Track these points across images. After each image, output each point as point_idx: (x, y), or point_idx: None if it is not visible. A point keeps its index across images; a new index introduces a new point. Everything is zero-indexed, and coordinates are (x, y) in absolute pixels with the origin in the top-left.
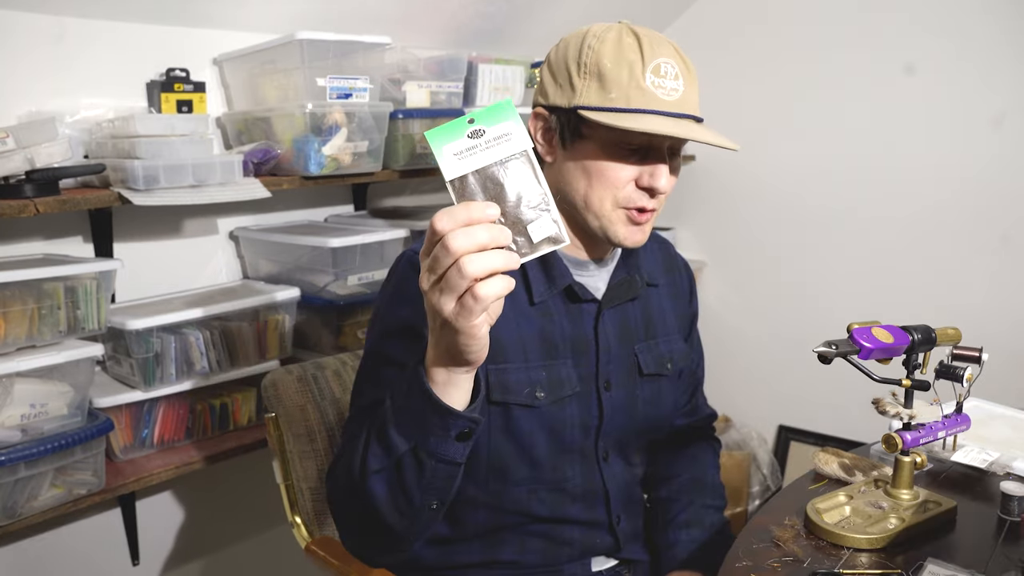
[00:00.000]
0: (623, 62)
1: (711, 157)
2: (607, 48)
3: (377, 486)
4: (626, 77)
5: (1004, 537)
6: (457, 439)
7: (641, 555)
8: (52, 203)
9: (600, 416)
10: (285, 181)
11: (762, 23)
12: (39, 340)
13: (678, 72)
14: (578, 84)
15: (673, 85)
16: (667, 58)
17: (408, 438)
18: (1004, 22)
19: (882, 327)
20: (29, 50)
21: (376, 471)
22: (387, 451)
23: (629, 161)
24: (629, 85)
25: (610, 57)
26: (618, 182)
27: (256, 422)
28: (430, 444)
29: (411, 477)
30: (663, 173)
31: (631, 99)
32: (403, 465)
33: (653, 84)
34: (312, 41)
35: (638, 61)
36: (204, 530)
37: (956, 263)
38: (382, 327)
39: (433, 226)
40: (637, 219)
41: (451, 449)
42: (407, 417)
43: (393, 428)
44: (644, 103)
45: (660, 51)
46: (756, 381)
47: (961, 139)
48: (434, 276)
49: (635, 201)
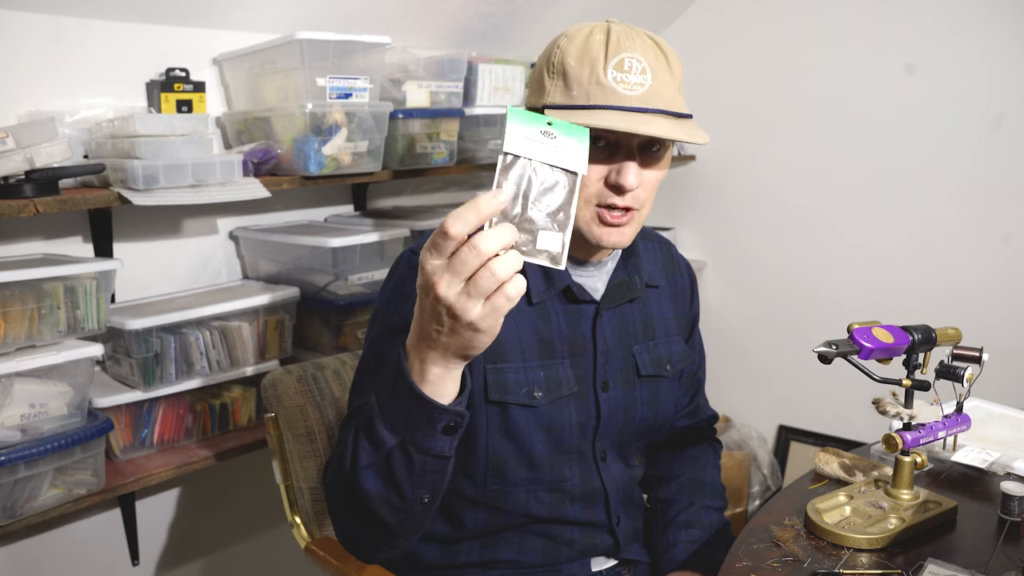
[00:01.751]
0: (586, 60)
1: (711, 157)
2: (574, 47)
3: (368, 481)
4: (587, 74)
5: (1004, 537)
6: (443, 432)
7: (641, 556)
8: (52, 203)
9: (597, 417)
10: (285, 181)
11: (762, 23)
12: (39, 340)
13: (645, 67)
14: (547, 85)
15: (638, 80)
16: (633, 53)
17: (395, 432)
18: (1005, 22)
19: (882, 327)
20: (29, 50)
21: (366, 467)
22: (376, 446)
23: (597, 159)
24: (589, 82)
25: (575, 56)
26: (587, 180)
27: (256, 422)
28: (417, 438)
29: (401, 471)
30: (630, 170)
31: (591, 95)
32: (392, 459)
33: (615, 80)
34: (312, 41)
35: (600, 58)
36: (204, 530)
37: (956, 263)
38: (381, 326)
39: (448, 231)
40: (608, 218)
41: (438, 443)
42: (393, 412)
43: (380, 423)
44: (603, 99)
45: (627, 46)
46: (756, 381)
47: (961, 139)
48: (458, 279)
49: (605, 198)
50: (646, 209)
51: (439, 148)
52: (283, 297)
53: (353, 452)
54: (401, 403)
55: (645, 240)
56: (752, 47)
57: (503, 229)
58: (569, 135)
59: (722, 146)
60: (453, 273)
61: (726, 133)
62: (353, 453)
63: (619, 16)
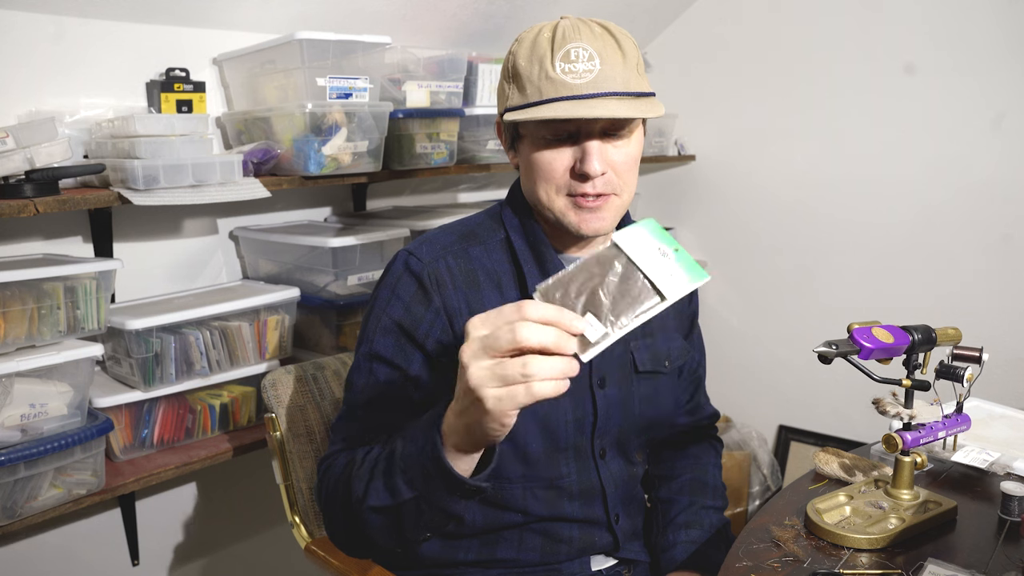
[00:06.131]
0: (534, 58)
1: (711, 158)
2: (523, 49)
3: (373, 517)
4: (536, 71)
5: (1004, 537)
6: (461, 497)
7: (641, 555)
8: (52, 203)
9: (594, 413)
10: (285, 181)
11: (762, 23)
12: (39, 340)
13: (592, 53)
14: (506, 89)
15: (586, 67)
16: (579, 42)
17: (413, 488)
18: (1004, 23)
19: (882, 327)
20: (29, 50)
21: (375, 508)
22: (391, 494)
23: (560, 151)
24: (539, 78)
25: (524, 56)
26: (554, 173)
27: (256, 422)
28: (434, 497)
29: (409, 519)
30: (592, 155)
31: (542, 91)
32: (404, 509)
33: (563, 71)
34: (312, 41)
35: (547, 53)
36: (204, 530)
37: (956, 263)
38: (375, 324)
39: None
40: (583, 204)
41: (455, 505)
42: (416, 471)
43: (400, 477)
44: (554, 91)
45: (573, 37)
46: (756, 381)
47: (961, 140)
48: (486, 356)
49: (574, 188)
50: (627, 194)
51: (439, 148)
52: (283, 297)
53: (366, 489)
54: (426, 465)
55: None
56: (752, 47)
57: (548, 329)
58: (687, 269)
59: (722, 146)
60: (484, 346)
61: (726, 133)
62: (365, 489)
63: (619, 17)
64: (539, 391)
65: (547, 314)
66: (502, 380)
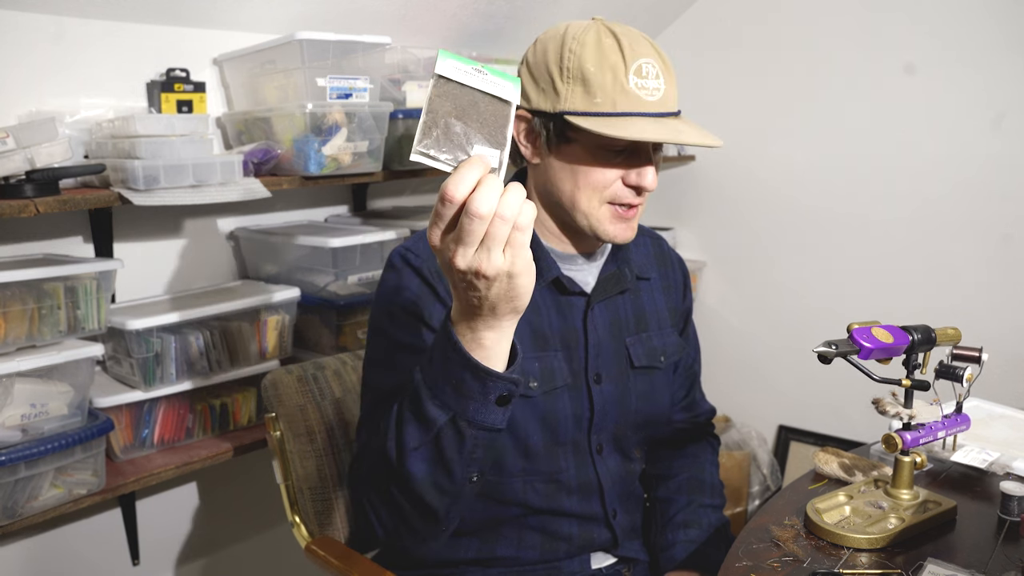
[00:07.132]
0: (606, 65)
1: (711, 158)
2: (588, 51)
3: (416, 465)
4: (610, 81)
5: (1004, 537)
6: (497, 403)
7: (640, 554)
8: (52, 203)
9: (591, 409)
10: (285, 181)
11: (762, 23)
12: (39, 340)
13: (658, 71)
14: (562, 89)
15: (655, 84)
16: (647, 57)
17: (446, 409)
18: (1004, 22)
19: (882, 327)
20: (29, 50)
21: (415, 448)
22: (425, 425)
23: (615, 162)
24: (614, 89)
25: (592, 61)
26: (606, 183)
27: (256, 422)
28: (470, 411)
29: (451, 450)
30: (650, 172)
31: (617, 103)
32: (442, 437)
33: (637, 86)
34: (312, 41)
35: (620, 63)
36: (204, 530)
37: (956, 263)
38: (388, 315)
39: (452, 196)
40: (625, 215)
41: (491, 415)
42: (443, 387)
43: (429, 401)
44: (629, 106)
45: (640, 51)
46: (756, 381)
47: (961, 139)
48: (471, 240)
49: (623, 198)
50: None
51: None
52: (283, 297)
53: (398, 436)
54: (453, 376)
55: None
56: (751, 47)
57: (491, 183)
58: (500, 76)
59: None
60: (466, 244)
61: (726, 133)
62: (398, 437)
63: (619, 17)
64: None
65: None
66: (499, 242)
